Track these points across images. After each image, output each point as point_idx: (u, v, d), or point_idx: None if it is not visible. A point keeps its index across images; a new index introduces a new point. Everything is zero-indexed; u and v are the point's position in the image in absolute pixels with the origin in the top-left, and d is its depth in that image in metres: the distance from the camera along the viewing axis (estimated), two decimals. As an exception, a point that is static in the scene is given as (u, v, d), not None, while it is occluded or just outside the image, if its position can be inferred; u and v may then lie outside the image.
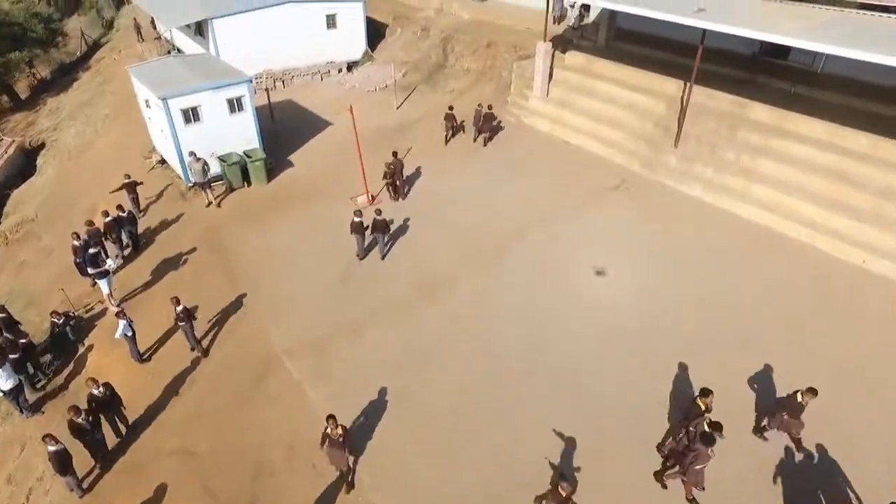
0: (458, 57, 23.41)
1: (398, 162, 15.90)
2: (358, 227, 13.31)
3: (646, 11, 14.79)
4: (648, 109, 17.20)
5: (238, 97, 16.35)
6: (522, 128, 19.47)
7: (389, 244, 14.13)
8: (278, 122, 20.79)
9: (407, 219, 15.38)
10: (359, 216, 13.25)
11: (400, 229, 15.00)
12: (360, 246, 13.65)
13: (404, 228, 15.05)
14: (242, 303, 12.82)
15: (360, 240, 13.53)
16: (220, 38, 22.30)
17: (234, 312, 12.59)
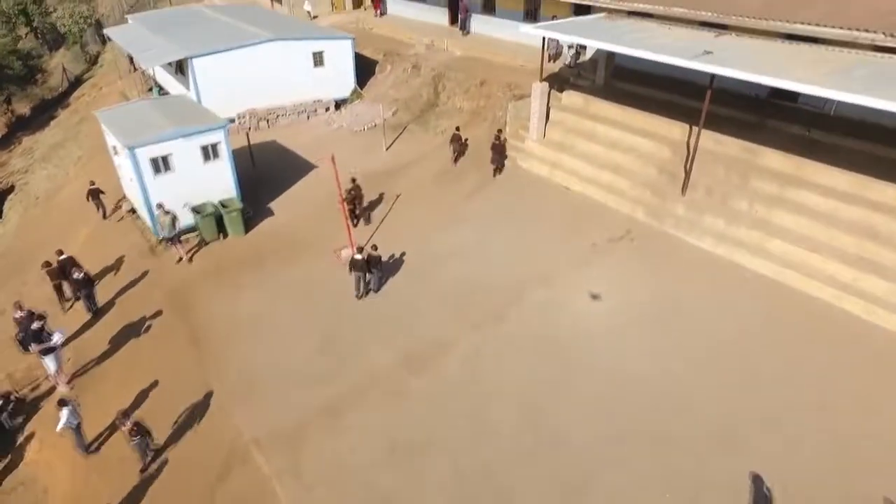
0: (449, 95, 22.50)
1: (357, 188, 15.94)
2: (358, 265, 12.95)
3: (648, 54, 13.86)
4: (652, 154, 16.18)
5: (213, 144, 15.20)
6: (518, 171, 18.40)
7: (383, 279, 13.75)
8: (259, 166, 19.64)
9: (394, 275, 14.13)
10: (359, 253, 12.91)
11: (387, 289, 13.73)
12: (359, 284, 13.28)
13: (391, 287, 13.78)
14: (207, 380, 11.40)
15: (360, 278, 13.19)
16: (200, 78, 21.30)
17: (198, 392, 11.15)
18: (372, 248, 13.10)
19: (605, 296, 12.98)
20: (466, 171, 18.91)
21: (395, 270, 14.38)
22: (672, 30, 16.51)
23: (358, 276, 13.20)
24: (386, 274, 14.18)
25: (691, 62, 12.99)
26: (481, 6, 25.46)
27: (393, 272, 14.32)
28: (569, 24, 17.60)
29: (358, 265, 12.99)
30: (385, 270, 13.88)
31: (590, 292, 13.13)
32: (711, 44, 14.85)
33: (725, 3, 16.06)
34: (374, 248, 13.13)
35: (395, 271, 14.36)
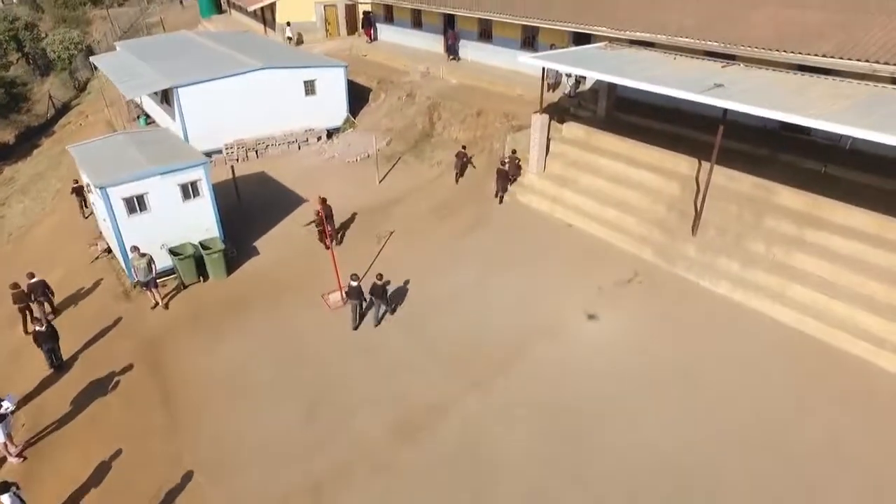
0: (445, 125, 21.74)
1: (327, 208, 15.43)
2: (354, 293, 12.47)
3: (657, 87, 13.08)
4: (660, 190, 15.34)
5: (193, 182, 14.26)
6: (518, 206, 17.51)
7: (385, 311, 13.30)
8: (245, 200, 18.69)
9: (387, 324, 13.10)
10: (355, 280, 12.47)
11: (379, 340, 12.69)
12: (355, 314, 12.83)
13: (384, 338, 12.73)
14: (178, 450, 10.26)
15: (357, 307, 12.78)
16: (185, 108, 20.48)
17: (167, 465, 9.99)
18: (377, 278, 12.52)
19: (615, 351, 11.96)
20: (463, 204, 18.03)
21: (387, 318, 13.36)
22: (677, 60, 15.82)
23: (354, 305, 12.70)
24: (380, 321, 13.19)
25: (703, 96, 12.20)
26: (477, 34, 24.90)
27: (386, 320, 13.29)
28: (569, 54, 16.90)
29: (354, 293, 12.45)
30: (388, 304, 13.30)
31: (598, 347, 12.12)
32: (720, 75, 14.14)
33: (733, 33, 15.41)
34: (378, 278, 12.52)
35: (388, 319, 13.33)
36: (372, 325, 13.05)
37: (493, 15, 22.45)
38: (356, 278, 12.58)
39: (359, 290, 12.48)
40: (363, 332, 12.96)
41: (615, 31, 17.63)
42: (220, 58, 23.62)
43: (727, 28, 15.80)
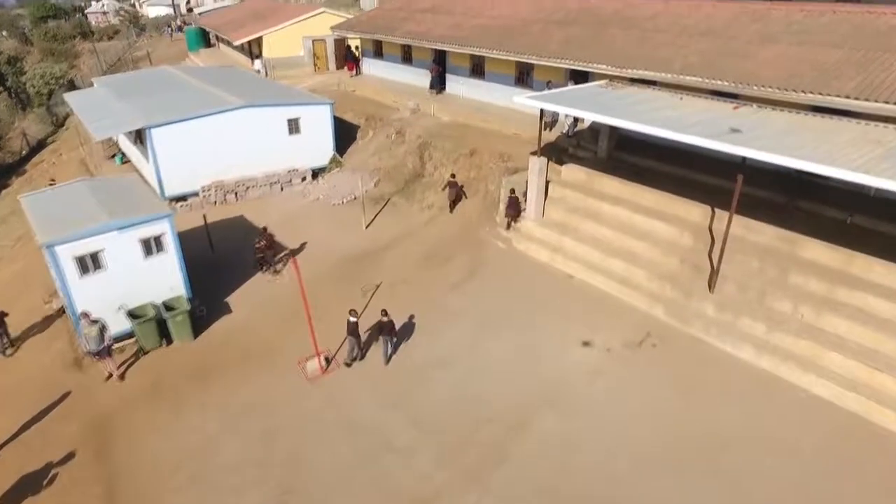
0: (436, 165, 20.56)
1: (269, 236, 16.03)
2: (350, 328, 12.09)
3: (668, 133, 11.92)
4: (670, 240, 14.08)
5: (157, 236, 12.84)
6: (515, 255, 16.18)
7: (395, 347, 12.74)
8: (219, 249, 17.25)
9: (370, 395, 11.57)
10: (354, 316, 12.11)
11: (360, 417, 11.14)
12: (352, 349, 12.37)
13: (366, 415, 11.18)
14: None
15: (355, 343, 12.32)
16: (159, 149, 19.19)
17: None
18: (382, 314, 12.04)
19: (627, 424, 10.50)
20: (456, 251, 16.70)
21: (370, 389, 11.84)
22: (684, 100, 14.77)
23: (352, 342, 12.30)
24: (360, 394, 11.67)
25: (723, 144, 11.04)
26: (469, 70, 23.99)
27: (368, 391, 11.77)
28: (568, 94, 15.84)
29: (350, 328, 12.10)
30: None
31: (608, 419, 10.64)
32: (734, 118, 13.05)
33: (743, 72, 14.42)
34: (384, 314, 12.04)
35: (370, 390, 11.81)
36: (354, 395, 11.57)
37: (485, 51, 21.57)
38: (354, 314, 12.13)
39: (356, 326, 12.09)
40: (343, 406, 11.43)
41: (615, 69, 16.65)
42: (199, 95, 22.49)
43: (735, 66, 14.83)
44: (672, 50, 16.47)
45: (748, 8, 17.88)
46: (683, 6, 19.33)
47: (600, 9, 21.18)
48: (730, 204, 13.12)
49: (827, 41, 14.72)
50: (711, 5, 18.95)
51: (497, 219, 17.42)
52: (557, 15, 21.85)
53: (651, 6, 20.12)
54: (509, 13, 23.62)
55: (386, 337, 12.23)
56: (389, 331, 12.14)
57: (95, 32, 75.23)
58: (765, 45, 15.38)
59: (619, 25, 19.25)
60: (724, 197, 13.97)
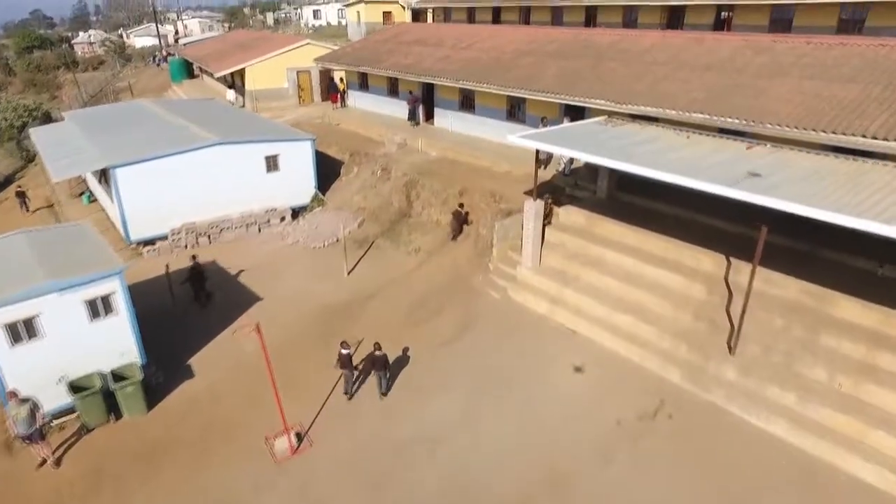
0: (424, 205, 19.27)
1: (198, 266, 15.62)
2: (343, 361, 11.71)
3: (681, 179, 10.69)
4: (682, 293, 12.75)
5: (105, 296, 11.30)
6: (511, 307, 14.76)
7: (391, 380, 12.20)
8: (184, 301, 15.68)
9: (341, 481, 9.94)
10: (346, 348, 11.70)
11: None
12: (349, 382, 12.00)
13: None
14: None
15: (349, 375, 11.95)
16: (124, 189, 17.75)
17: None
18: (375, 348, 11.68)
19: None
20: (446, 301, 15.24)
21: (348, 473, 10.22)
22: (692, 138, 13.64)
23: (347, 375, 11.92)
24: (336, 481, 10.05)
25: (741, 192, 9.79)
26: (459, 103, 22.94)
27: (345, 476, 10.16)
28: (565, 132, 14.67)
29: (343, 361, 11.72)
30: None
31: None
32: (748, 159, 11.89)
33: (756, 109, 13.35)
34: (377, 348, 11.66)
35: (348, 475, 10.19)
36: (329, 483, 9.96)
37: (475, 85, 20.53)
38: (346, 346, 11.75)
39: (349, 358, 11.70)
40: (315, 497, 9.78)
41: (615, 105, 15.58)
42: (172, 131, 21.16)
43: (745, 102, 13.78)
44: (675, 84, 15.45)
45: (750, 40, 17.02)
46: (681, 39, 18.48)
47: (594, 41, 20.32)
48: (745, 251, 11.99)
49: (841, 75, 13.75)
50: (711, 38, 18.11)
51: (490, 265, 16.05)
52: (550, 47, 20.95)
53: (647, 38, 19.26)
54: (500, 45, 22.73)
55: (379, 372, 11.78)
56: (383, 365, 11.72)
57: (80, 63, 74.30)
58: (774, 79, 14.39)
59: (615, 58, 18.31)
60: (737, 243, 12.81)
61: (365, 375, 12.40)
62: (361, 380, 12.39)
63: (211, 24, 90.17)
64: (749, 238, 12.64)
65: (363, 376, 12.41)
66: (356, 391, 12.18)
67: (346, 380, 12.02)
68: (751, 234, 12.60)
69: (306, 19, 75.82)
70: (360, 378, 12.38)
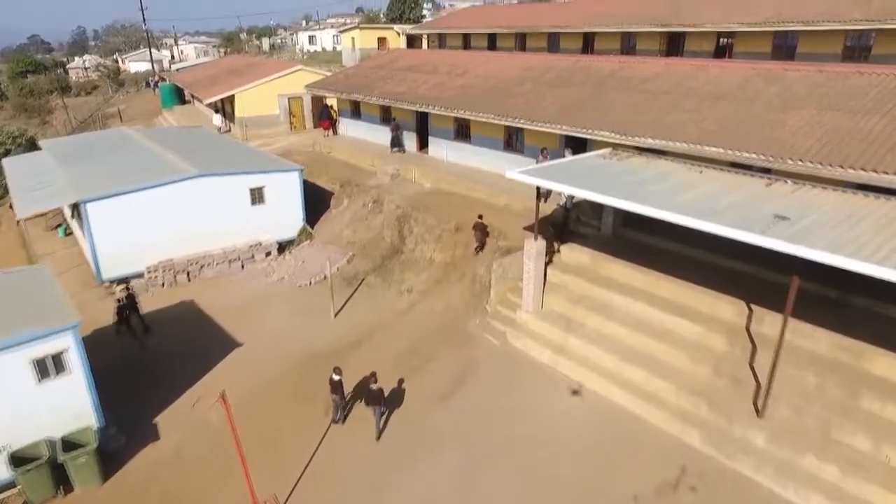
0: (417, 241, 18.16)
1: (131, 296, 15.06)
2: (334, 386, 11.44)
3: (700, 223, 9.64)
4: (699, 344, 11.59)
5: (55, 354, 10.06)
6: (511, 355, 13.55)
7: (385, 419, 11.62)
8: (154, 348, 14.42)
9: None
10: (338, 374, 11.47)
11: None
12: (337, 408, 11.69)
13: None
14: None
15: (338, 402, 11.61)
16: (96, 225, 16.59)
17: None
18: (371, 380, 11.16)
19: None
20: (440, 349, 14.04)
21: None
22: (705, 174, 12.65)
23: (336, 401, 11.60)
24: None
25: (773, 240, 8.73)
26: (454, 132, 22.05)
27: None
28: (568, 167, 13.66)
29: (333, 387, 11.44)
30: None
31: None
32: (769, 197, 10.89)
33: (774, 142, 12.41)
34: (373, 380, 11.14)
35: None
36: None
37: (471, 114, 19.63)
38: (338, 372, 11.46)
39: (339, 385, 11.42)
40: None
41: (620, 137, 14.64)
42: (152, 161, 20.12)
43: (761, 134, 12.85)
44: (683, 115, 14.55)
45: (759, 68, 16.21)
46: (686, 67, 17.68)
47: (594, 68, 19.53)
48: (767, 296, 10.95)
49: (861, 107, 12.86)
50: (717, 65, 17.32)
51: (488, 308, 14.88)
52: (549, 75, 20.15)
53: (650, 66, 18.47)
54: (496, 72, 21.96)
55: (374, 407, 11.17)
56: (378, 400, 11.14)
57: (74, 87, 73.84)
58: (789, 110, 13.49)
59: (618, 87, 17.47)
60: (758, 287, 11.76)
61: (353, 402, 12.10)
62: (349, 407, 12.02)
63: (206, 49, 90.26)
64: (770, 282, 11.62)
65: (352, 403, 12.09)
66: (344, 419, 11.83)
67: (335, 405, 11.66)
68: (772, 278, 11.58)
69: (301, 45, 75.81)
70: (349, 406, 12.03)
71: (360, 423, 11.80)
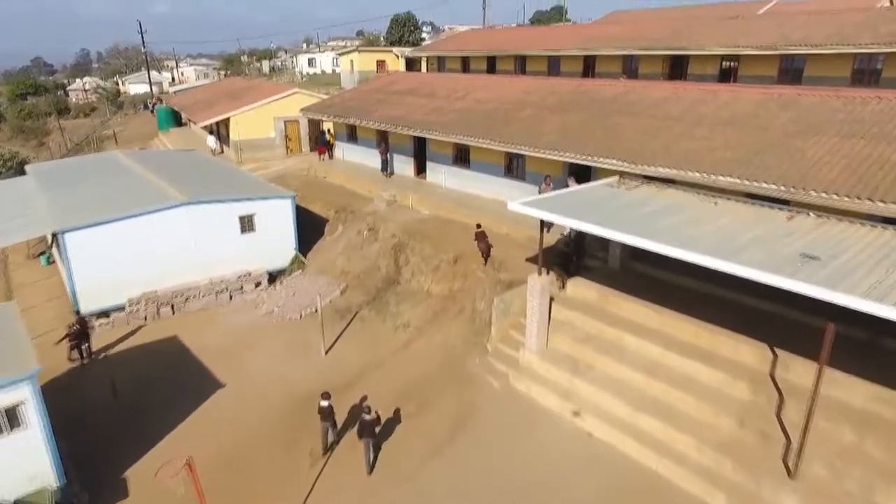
0: (414, 272, 17.26)
1: (82, 321, 14.96)
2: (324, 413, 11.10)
3: (722, 264, 8.75)
4: (720, 391, 10.62)
5: (10, 408, 9.07)
6: (514, 399, 12.55)
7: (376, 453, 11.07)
8: (131, 390, 13.42)
9: None
10: (326, 399, 11.14)
11: None
12: (325, 435, 11.27)
13: None
14: None
15: (329, 429, 11.27)
16: (74, 256, 15.72)
17: None
18: (364, 410, 10.65)
19: None
20: (437, 393, 13.04)
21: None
22: (720, 206, 11.81)
23: (325, 428, 11.22)
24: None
25: (806, 285, 7.85)
26: (453, 157, 21.32)
27: None
28: (574, 197, 12.84)
29: (323, 413, 11.09)
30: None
31: None
32: (791, 232, 10.05)
33: (795, 173, 11.60)
34: (367, 410, 10.64)
35: None
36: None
37: (470, 140, 18.90)
38: (327, 397, 11.13)
39: (329, 410, 11.07)
40: None
41: (628, 165, 13.85)
42: (139, 188, 19.34)
43: (780, 164, 12.05)
44: (694, 142, 13.78)
45: (772, 93, 15.53)
46: (694, 91, 17.01)
47: (598, 92, 18.87)
48: (793, 339, 10.03)
49: (885, 134, 12.10)
50: (728, 90, 16.64)
51: (489, 346, 13.92)
52: (550, 99, 19.49)
53: (656, 90, 17.81)
54: (496, 96, 21.32)
55: (368, 439, 10.64)
56: (372, 432, 10.66)
57: (73, 109, 73.69)
58: (808, 137, 12.73)
59: (623, 112, 16.76)
60: (782, 328, 10.87)
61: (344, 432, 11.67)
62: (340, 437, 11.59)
63: (206, 71, 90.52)
64: (796, 322, 10.71)
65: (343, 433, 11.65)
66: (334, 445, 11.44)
67: (323, 433, 11.24)
68: (798, 318, 10.68)
69: (301, 67, 75.94)
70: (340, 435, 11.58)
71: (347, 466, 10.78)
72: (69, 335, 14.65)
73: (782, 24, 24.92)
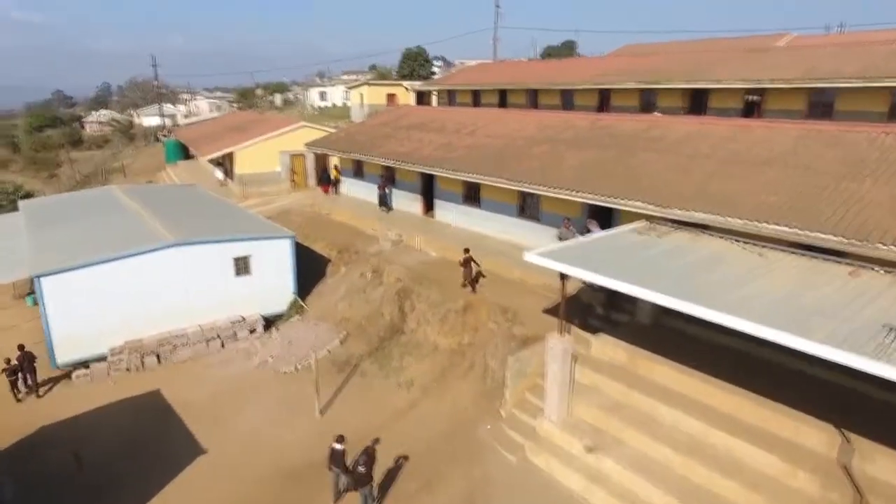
0: (420, 320, 15.83)
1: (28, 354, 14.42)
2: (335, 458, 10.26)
3: (789, 339, 7.27)
4: (779, 483, 8.92)
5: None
6: (531, 477, 10.90)
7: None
8: (101, 459, 11.96)
9: None
10: (340, 443, 10.37)
11: None
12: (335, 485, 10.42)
13: None
14: None
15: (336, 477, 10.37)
16: (51, 303, 14.58)
17: None
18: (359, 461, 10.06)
19: None
20: (443, 467, 11.46)
21: None
22: (766, 256, 10.34)
23: (335, 474, 10.50)
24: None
25: (865, 359, 6.32)
26: (462, 196, 20.10)
27: None
28: (598, 246, 11.42)
29: (333, 459, 10.38)
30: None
31: None
32: (859, 292, 8.54)
33: (855, 222, 10.13)
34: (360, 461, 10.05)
35: None
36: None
37: (482, 178, 17.69)
38: (342, 440, 10.50)
39: (342, 455, 10.35)
40: None
41: (656, 209, 12.47)
42: (129, 227, 18.30)
43: (836, 211, 10.60)
44: (731, 184, 12.41)
45: (811, 129, 14.20)
46: (723, 127, 15.73)
47: (618, 128, 17.66)
48: (870, 421, 8.40)
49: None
50: (761, 125, 15.34)
51: (503, 411, 12.34)
52: (566, 134, 18.32)
53: (681, 126, 16.56)
54: (508, 131, 20.21)
55: (363, 490, 10.06)
56: (367, 482, 10.04)
57: (86, 141, 74.34)
58: (863, 179, 11.31)
59: (647, 149, 15.49)
60: (856, 408, 9.20)
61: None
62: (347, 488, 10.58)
63: (220, 104, 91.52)
64: (877, 400, 9.08)
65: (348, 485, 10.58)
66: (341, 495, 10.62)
67: (333, 481, 10.59)
68: (878, 395, 9.06)
69: (312, 100, 76.31)
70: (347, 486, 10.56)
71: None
72: (4, 370, 14.15)
73: (807, 56, 23.78)
